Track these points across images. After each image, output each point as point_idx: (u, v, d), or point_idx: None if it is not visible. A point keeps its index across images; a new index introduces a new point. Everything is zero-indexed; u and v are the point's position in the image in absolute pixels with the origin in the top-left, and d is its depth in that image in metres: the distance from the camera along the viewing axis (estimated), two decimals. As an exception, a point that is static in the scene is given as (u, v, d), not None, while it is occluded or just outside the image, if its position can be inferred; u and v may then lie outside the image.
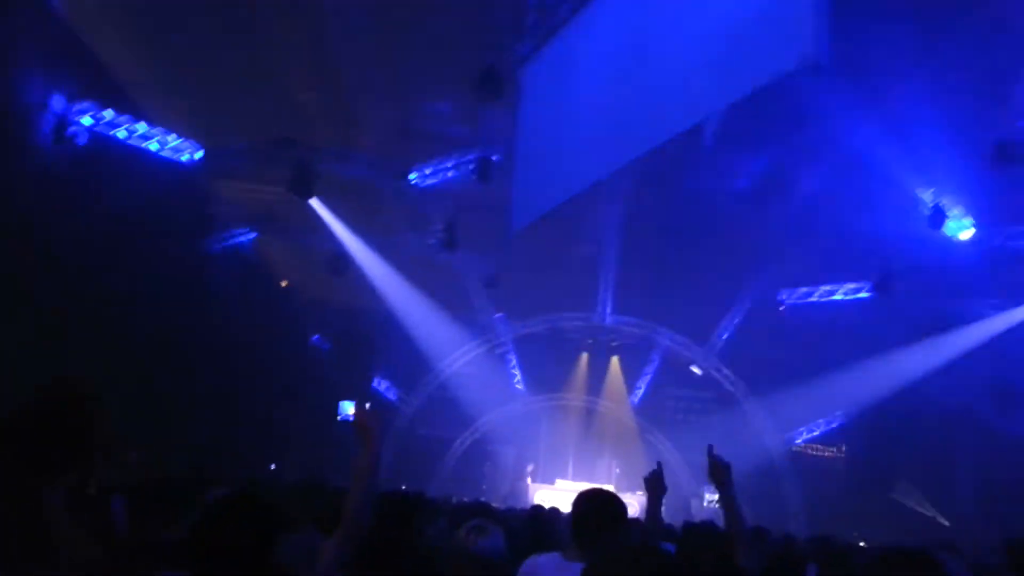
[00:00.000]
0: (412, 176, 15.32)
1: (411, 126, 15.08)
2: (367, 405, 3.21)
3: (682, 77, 9.68)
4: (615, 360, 22.46)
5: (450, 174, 15.51)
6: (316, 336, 20.35)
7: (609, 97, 11.08)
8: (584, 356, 22.43)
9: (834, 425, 20.19)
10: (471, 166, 15.22)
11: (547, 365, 21.76)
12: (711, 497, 19.61)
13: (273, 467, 17.27)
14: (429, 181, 15.49)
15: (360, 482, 3.03)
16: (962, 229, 14.62)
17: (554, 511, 6.74)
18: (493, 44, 12.38)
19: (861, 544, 11.53)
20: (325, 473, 9.05)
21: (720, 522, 3.90)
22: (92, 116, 11.73)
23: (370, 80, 13.93)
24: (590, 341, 22.03)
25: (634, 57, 10.56)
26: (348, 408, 3.43)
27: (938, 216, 14.25)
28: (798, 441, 20.63)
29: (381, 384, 21.05)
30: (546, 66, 12.33)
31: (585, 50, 11.55)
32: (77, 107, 11.47)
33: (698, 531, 4.66)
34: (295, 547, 3.11)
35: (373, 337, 19.81)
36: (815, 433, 20.53)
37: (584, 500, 3.44)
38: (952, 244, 14.78)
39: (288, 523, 2.62)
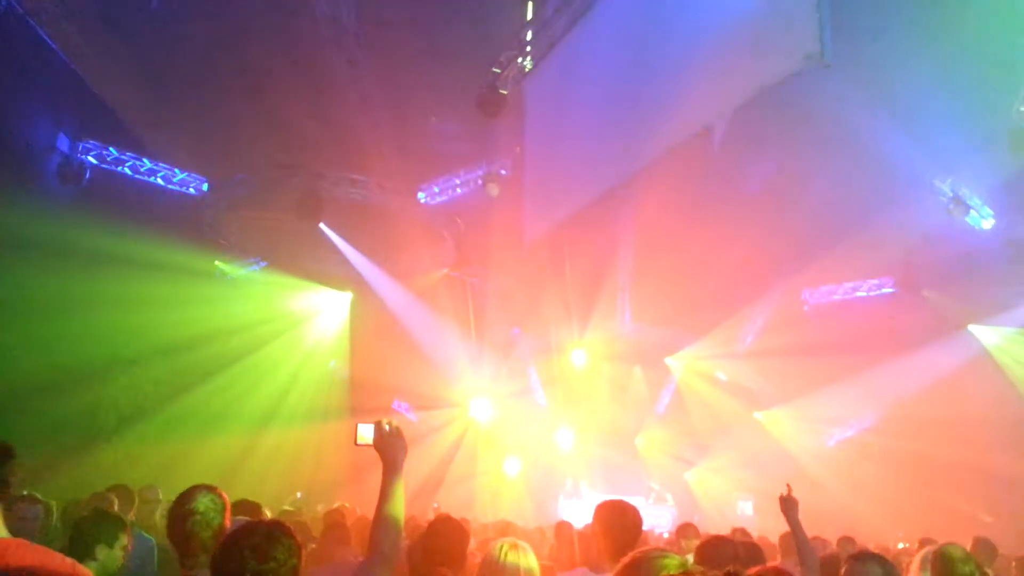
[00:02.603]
0: (420, 195, 15.23)
1: (416, 145, 14.99)
2: (386, 427, 3.16)
3: (687, 82, 9.53)
4: (637, 369, 22.13)
5: (458, 191, 15.42)
6: (332, 362, 20.25)
7: (614, 106, 10.95)
8: (606, 367, 22.11)
9: (866, 425, 19.76)
10: (479, 182, 15.13)
11: (568, 378, 21.49)
12: (743, 504, 19.26)
13: (299, 495, 17.16)
14: (438, 199, 15.40)
15: (384, 505, 2.95)
16: (983, 218, 14.32)
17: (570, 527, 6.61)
18: (494, 60, 12.26)
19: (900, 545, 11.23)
20: (343, 498, 8.93)
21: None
22: (96, 154, 11.76)
23: (372, 102, 13.86)
24: (610, 352, 21.72)
25: (636, 64, 10.42)
26: (366, 431, 3.33)
27: (958, 206, 13.96)
28: (830, 443, 20.21)
29: (400, 406, 20.88)
30: (549, 78, 12.22)
31: (587, 61, 11.43)
32: (82, 146, 11.51)
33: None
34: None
35: (389, 359, 19.71)
36: (848, 434, 20.11)
37: (606, 511, 3.61)
38: (974, 234, 14.45)
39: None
